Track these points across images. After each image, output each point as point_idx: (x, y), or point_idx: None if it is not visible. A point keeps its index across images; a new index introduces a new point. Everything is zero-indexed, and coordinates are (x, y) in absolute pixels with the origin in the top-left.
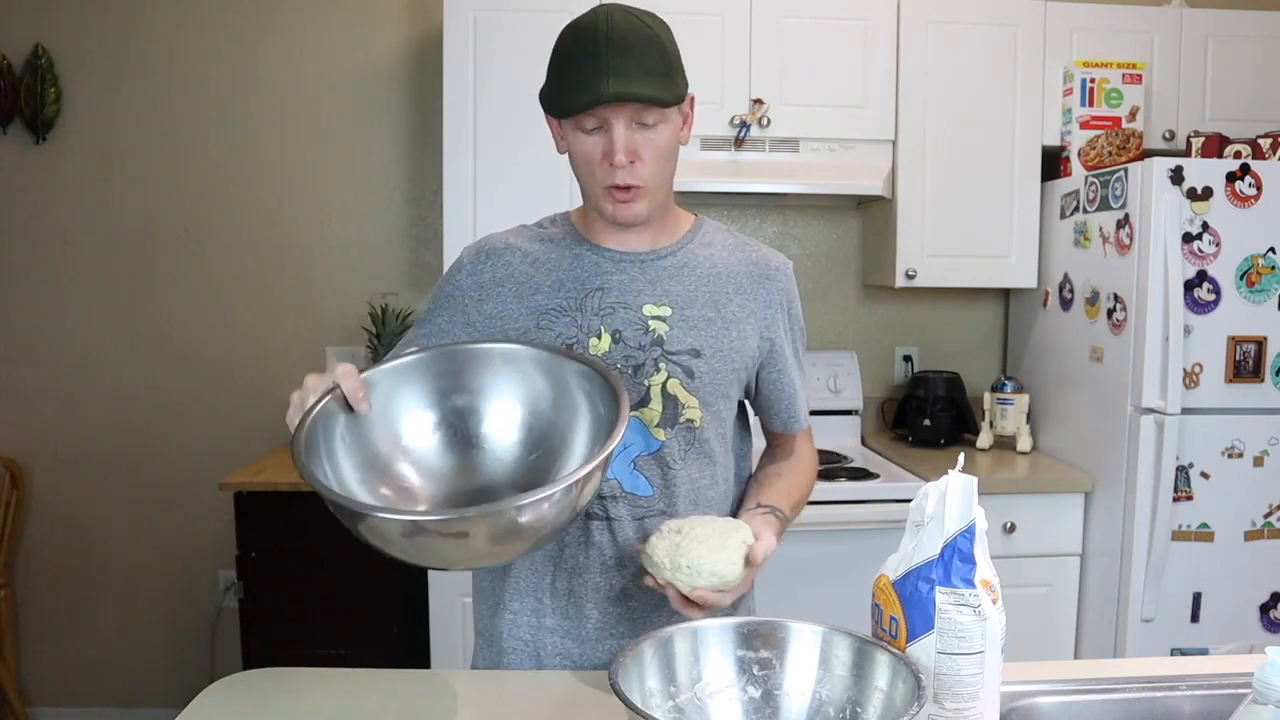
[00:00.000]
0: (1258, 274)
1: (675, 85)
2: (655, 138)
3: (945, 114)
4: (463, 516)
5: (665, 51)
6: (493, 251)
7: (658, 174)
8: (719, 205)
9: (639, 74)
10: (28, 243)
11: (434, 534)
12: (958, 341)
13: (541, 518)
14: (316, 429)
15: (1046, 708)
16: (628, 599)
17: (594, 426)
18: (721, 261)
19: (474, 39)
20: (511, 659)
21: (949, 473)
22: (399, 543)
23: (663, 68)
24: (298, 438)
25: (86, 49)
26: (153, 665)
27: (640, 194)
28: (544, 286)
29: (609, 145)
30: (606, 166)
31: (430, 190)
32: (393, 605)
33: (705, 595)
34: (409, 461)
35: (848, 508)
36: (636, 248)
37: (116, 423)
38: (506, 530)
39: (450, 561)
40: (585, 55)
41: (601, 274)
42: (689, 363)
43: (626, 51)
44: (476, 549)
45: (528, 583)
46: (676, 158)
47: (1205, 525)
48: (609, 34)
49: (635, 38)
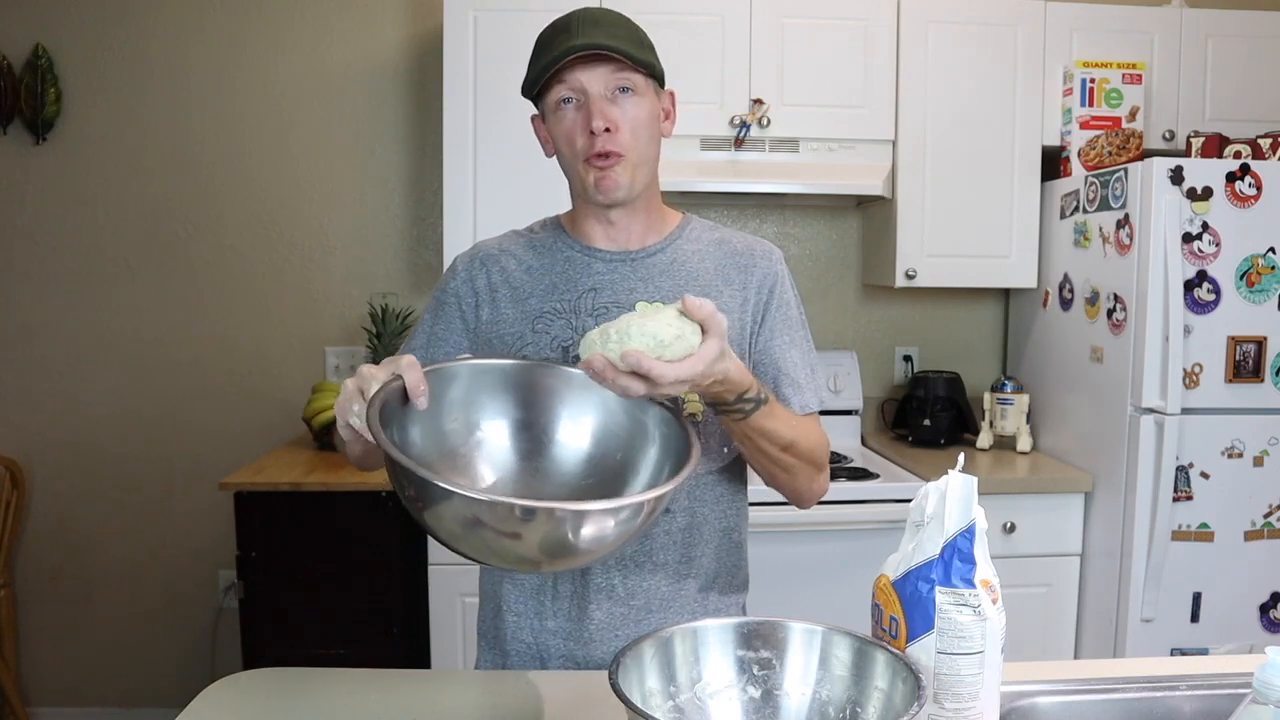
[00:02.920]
0: (1258, 274)
1: (646, 54)
2: (632, 108)
3: (945, 114)
4: (549, 509)
5: (637, 30)
6: (486, 258)
7: (637, 147)
8: (719, 205)
9: (607, 36)
10: (28, 243)
11: (490, 525)
12: (958, 341)
13: (602, 533)
14: (388, 406)
15: (1046, 708)
16: (630, 599)
17: (660, 461)
18: (710, 256)
19: (474, 39)
20: (514, 661)
21: (949, 473)
22: (454, 525)
23: (633, 37)
24: (372, 407)
25: (86, 49)
26: (153, 665)
27: (621, 162)
28: (537, 290)
29: (586, 115)
30: (587, 136)
31: (430, 190)
32: (393, 605)
33: (640, 360)
34: (481, 455)
35: (848, 508)
36: (625, 245)
37: (116, 423)
38: (565, 536)
39: (495, 556)
40: (558, 33)
41: (593, 274)
42: None
43: (598, 23)
44: (524, 551)
45: (530, 585)
46: (658, 143)
47: (1205, 525)
48: (581, 16)
49: (606, 17)
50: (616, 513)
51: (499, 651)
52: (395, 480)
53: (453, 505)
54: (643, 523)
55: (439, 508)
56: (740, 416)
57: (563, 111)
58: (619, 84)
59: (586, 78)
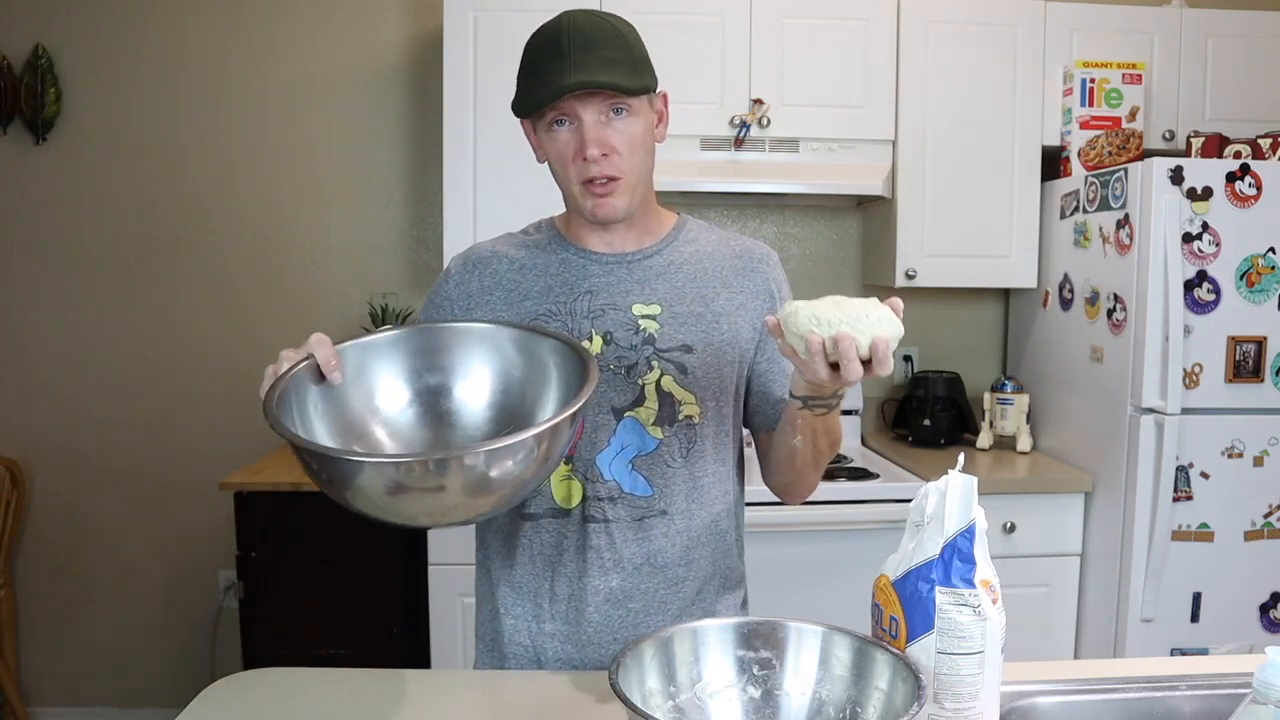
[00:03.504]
0: (1257, 274)
1: (640, 76)
2: (626, 128)
3: (945, 114)
4: (431, 459)
5: (628, 45)
6: (479, 260)
7: (633, 167)
8: (719, 205)
9: (601, 65)
10: (28, 243)
11: (413, 487)
12: (958, 341)
13: (506, 470)
14: (289, 391)
15: (1046, 708)
16: (628, 600)
17: (564, 395)
18: (706, 257)
19: (474, 39)
20: (512, 663)
21: (949, 473)
22: (369, 493)
23: (626, 59)
24: (270, 396)
25: (86, 49)
26: (153, 665)
27: (618, 187)
28: (533, 292)
29: (580, 140)
30: (580, 162)
31: (430, 190)
32: (393, 605)
33: (887, 345)
34: (383, 427)
35: (848, 508)
36: (621, 249)
37: (117, 423)
38: (476, 480)
39: (414, 515)
40: (549, 54)
41: (589, 277)
42: (681, 359)
43: (588, 46)
44: (445, 502)
45: (528, 588)
46: (653, 154)
47: (1205, 525)
48: (570, 32)
49: (597, 34)
50: (522, 444)
51: (497, 654)
52: (307, 467)
53: (366, 476)
54: (550, 449)
55: (356, 484)
56: (828, 410)
57: (555, 132)
58: (613, 106)
59: (579, 106)
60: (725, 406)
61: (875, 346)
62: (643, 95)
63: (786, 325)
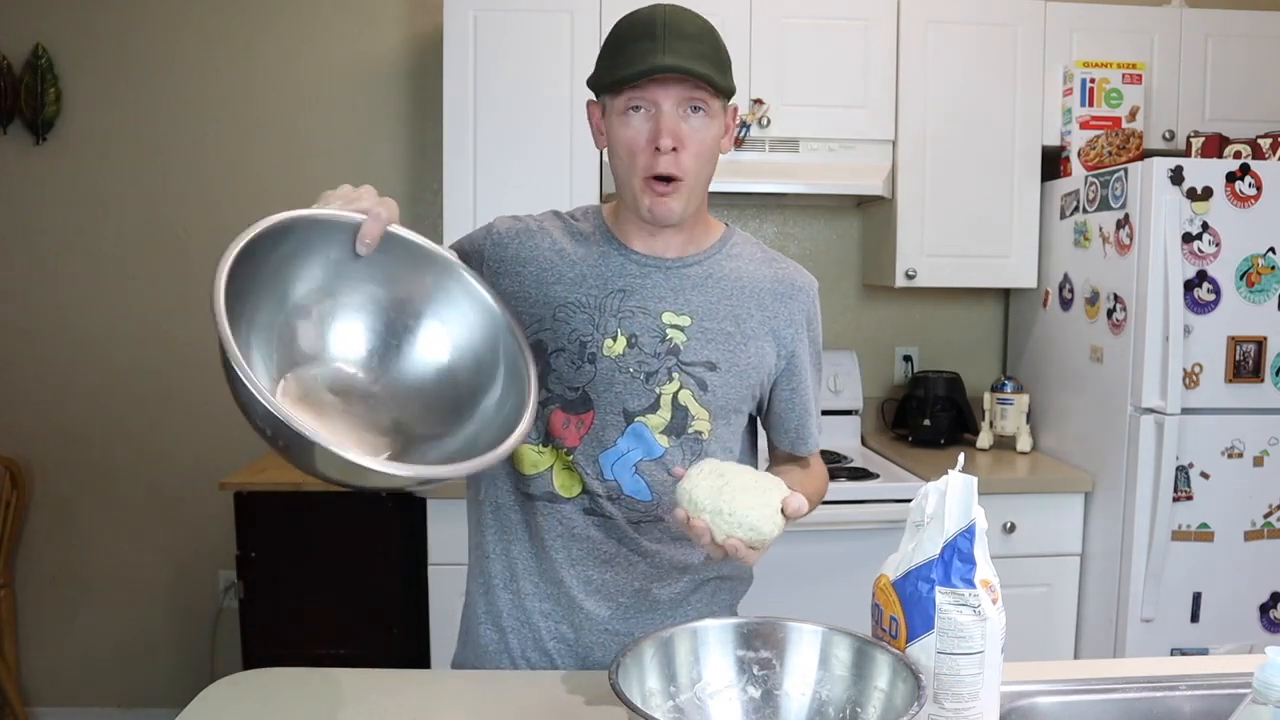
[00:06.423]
0: (1257, 274)
1: (726, 76)
2: (700, 129)
3: (945, 114)
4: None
5: (719, 45)
6: (526, 231)
7: (697, 171)
8: (719, 205)
9: (694, 55)
10: (27, 242)
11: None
12: (958, 341)
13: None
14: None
15: (1046, 708)
16: (619, 595)
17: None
18: (747, 275)
19: (474, 39)
20: (512, 637)
21: (949, 473)
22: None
23: (717, 57)
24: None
25: (86, 49)
26: (153, 665)
27: (680, 188)
28: (565, 278)
29: (655, 129)
30: (651, 152)
31: (430, 190)
32: (393, 605)
33: (737, 546)
34: (325, 320)
35: (848, 508)
36: (664, 254)
37: (116, 423)
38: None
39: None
40: (643, 35)
41: (626, 276)
42: (703, 375)
43: (683, 34)
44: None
45: (523, 564)
46: (715, 164)
47: (1205, 525)
48: (666, 20)
49: (693, 26)
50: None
51: (494, 628)
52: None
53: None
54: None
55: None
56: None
57: (629, 117)
58: (693, 103)
59: (662, 93)
60: (735, 426)
61: (725, 545)
62: (724, 98)
63: (679, 486)
